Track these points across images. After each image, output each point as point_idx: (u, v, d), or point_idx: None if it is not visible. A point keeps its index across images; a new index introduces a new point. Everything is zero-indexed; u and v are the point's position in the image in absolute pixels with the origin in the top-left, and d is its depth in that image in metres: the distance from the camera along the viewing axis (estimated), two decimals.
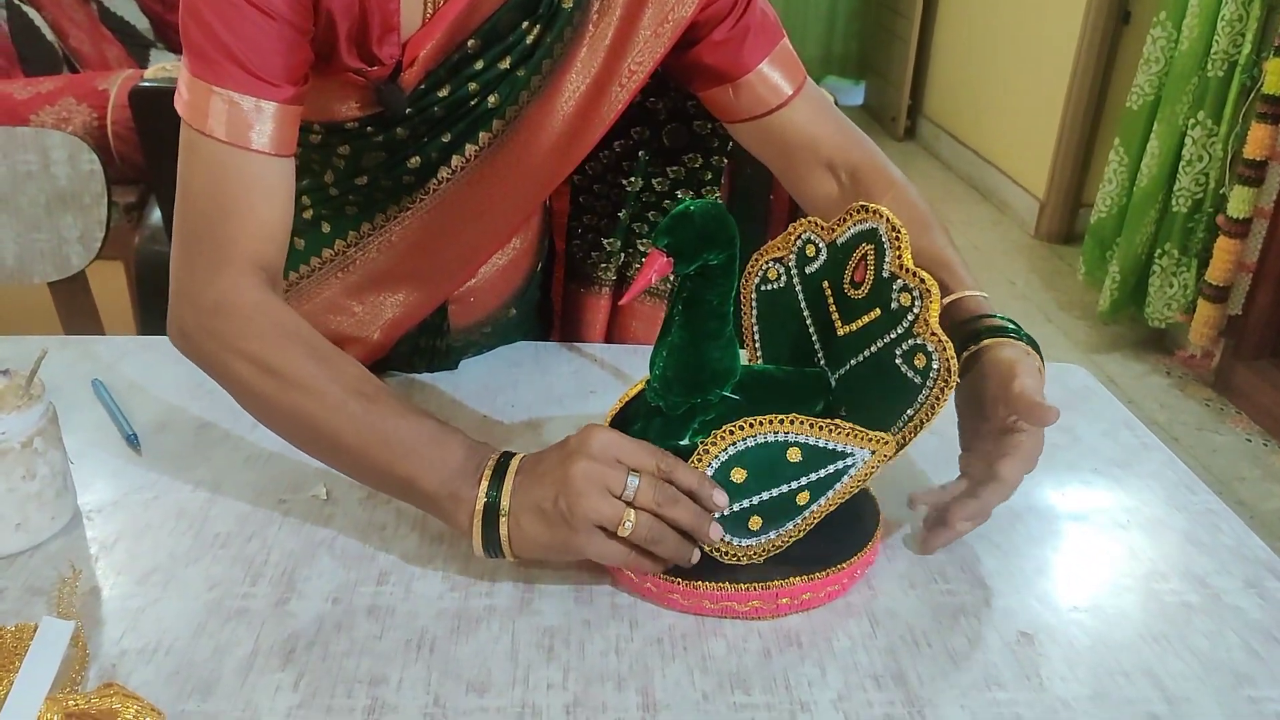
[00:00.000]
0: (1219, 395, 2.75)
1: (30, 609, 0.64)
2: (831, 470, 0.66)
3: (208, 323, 0.71)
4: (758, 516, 0.67)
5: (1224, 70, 2.63)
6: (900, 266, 0.70)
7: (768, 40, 0.88)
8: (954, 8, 4.87)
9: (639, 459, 0.65)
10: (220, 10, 0.69)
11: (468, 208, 0.88)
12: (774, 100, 0.88)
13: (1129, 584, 0.73)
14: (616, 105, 0.86)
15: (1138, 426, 0.94)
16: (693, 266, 0.63)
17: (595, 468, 0.63)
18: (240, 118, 0.70)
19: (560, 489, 0.63)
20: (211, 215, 0.72)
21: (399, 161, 0.85)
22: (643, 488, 0.64)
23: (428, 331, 0.96)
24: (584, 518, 0.63)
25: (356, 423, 0.67)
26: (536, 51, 0.82)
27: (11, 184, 1.32)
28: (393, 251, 0.89)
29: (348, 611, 0.65)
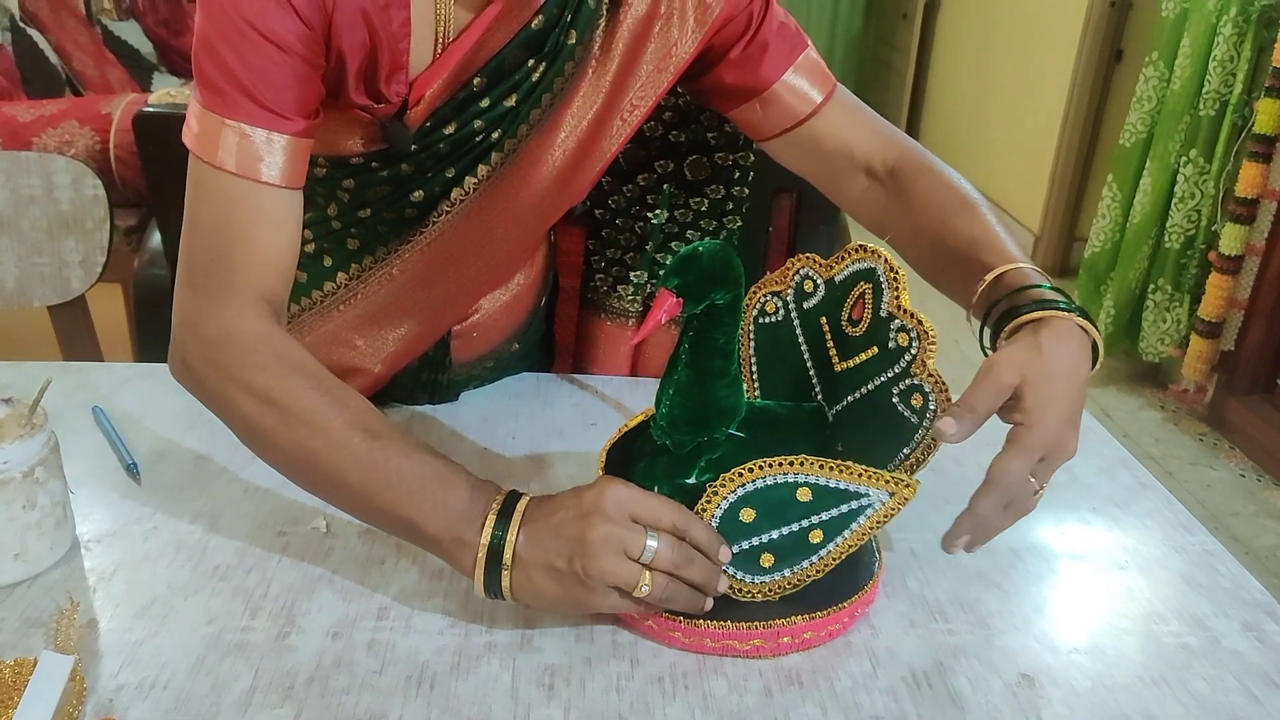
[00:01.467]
0: (1213, 430, 2.76)
1: (28, 641, 0.64)
2: (845, 510, 0.66)
3: (211, 354, 0.70)
4: (769, 554, 0.66)
5: (1215, 109, 2.66)
6: (898, 307, 0.70)
7: (789, 51, 0.86)
8: (949, 43, 4.92)
9: (656, 517, 0.64)
10: (234, 43, 0.69)
11: (468, 240, 0.88)
12: (804, 110, 0.87)
13: (1128, 625, 0.73)
14: (618, 139, 0.87)
15: (1135, 465, 0.94)
16: (700, 306, 0.63)
17: (613, 531, 0.62)
18: (251, 150, 0.70)
19: (576, 550, 0.62)
20: (218, 247, 0.71)
21: (402, 195, 0.85)
22: (660, 550, 0.63)
23: (430, 365, 0.96)
24: (600, 580, 0.62)
25: (359, 460, 0.66)
26: (538, 87, 0.83)
27: (14, 207, 1.32)
28: (394, 285, 0.90)
29: (348, 647, 0.65)
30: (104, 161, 2.10)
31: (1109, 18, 3.53)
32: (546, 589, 0.64)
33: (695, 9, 0.83)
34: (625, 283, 1.04)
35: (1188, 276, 2.81)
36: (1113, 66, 3.62)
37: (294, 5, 0.69)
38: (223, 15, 0.68)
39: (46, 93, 2.87)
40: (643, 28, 0.83)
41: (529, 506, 0.65)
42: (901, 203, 0.86)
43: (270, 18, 0.69)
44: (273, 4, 0.69)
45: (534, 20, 0.79)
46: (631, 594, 0.63)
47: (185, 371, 0.73)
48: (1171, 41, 2.79)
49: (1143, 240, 2.91)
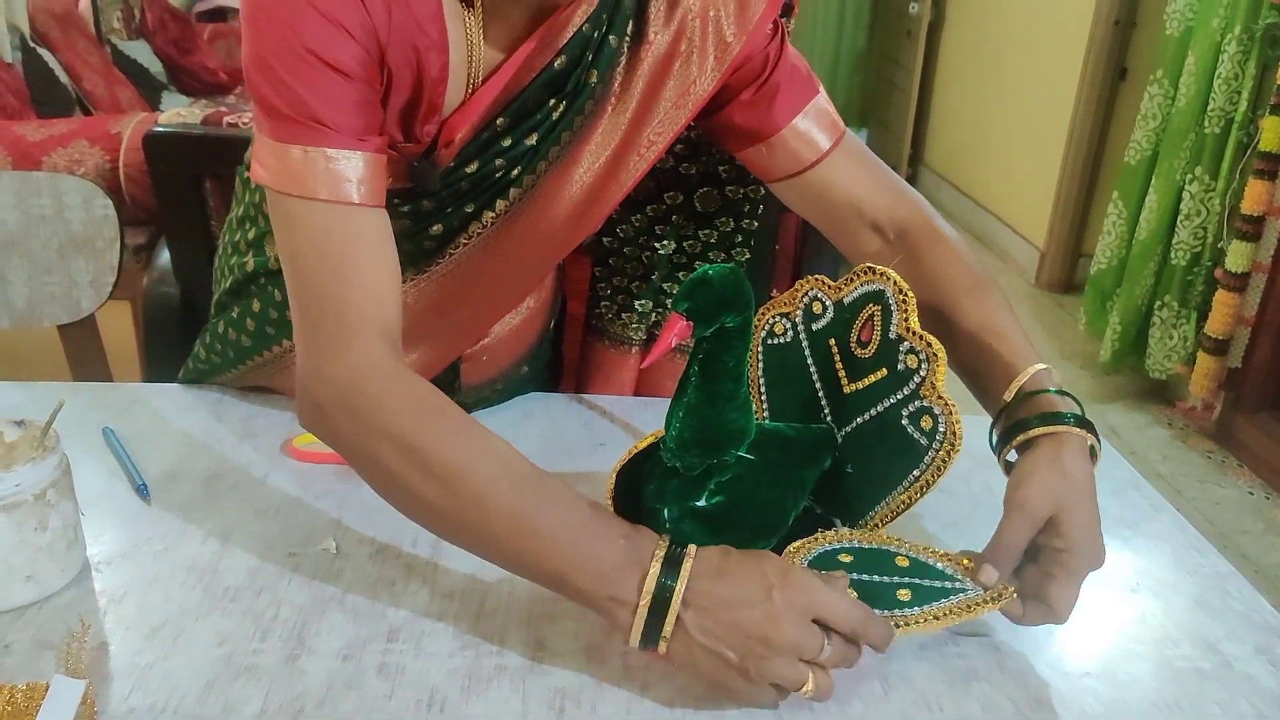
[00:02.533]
0: (1220, 447, 2.75)
1: (39, 664, 0.64)
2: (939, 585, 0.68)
3: (343, 399, 0.67)
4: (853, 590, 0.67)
5: (1221, 127, 2.67)
6: (907, 329, 0.71)
7: (800, 96, 0.86)
8: (953, 61, 4.94)
9: (839, 624, 0.62)
10: (300, 72, 0.67)
11: (483, 272, 0.88)
12: (810, 156, 0.86)
13: (1140, 650, 0.72)
14: (635, 174, 0.86)
15: (1145, 487, 0.94)
16: (711, 329, 0.63)
17: (796, 639, 0.60)
18: (337, 174, 0.69)
19: (755, 649, 0.60)
20: (327, 283, 0.69)
21: (421, 230, 0.86)
22: (834, 655, 0.62)
23: (440, 388, 0.96)
24: (766, 678, 0.61)
25: (505, 510, 0.64)
26: (558, 125, 0.83)
27: (25, 227, 1.33)
28: (408, 313, 0.89)
29: (358, 669, 0.65)
30: (114, 180, 2.12)
31: (1113, 36, 3.54)
32: (706, 667, 0.62)
33: (715, 47, 0.84)
34: (630, 311, 1.04)
35: (1194, 293, 2.81)
36: (1117, 84, 3.63)
37: (351, 32, 0.69)
38: (285, 45, 0.67)
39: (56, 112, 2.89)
40: (663, 65, 0.84)
41: (699, 569, 0.62)
42: (911, 272, 0.82)
43: (334, 45, 0.68)
44: (334, 30, 0.68)
45: (556, 60, 0.79)
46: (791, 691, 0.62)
47: (320, 417, 0.69)
48: (1176, 59, 2.80)
49: (1149, 257, 2.91)
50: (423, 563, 0.76)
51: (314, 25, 0.67)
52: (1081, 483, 0.68)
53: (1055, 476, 0.68)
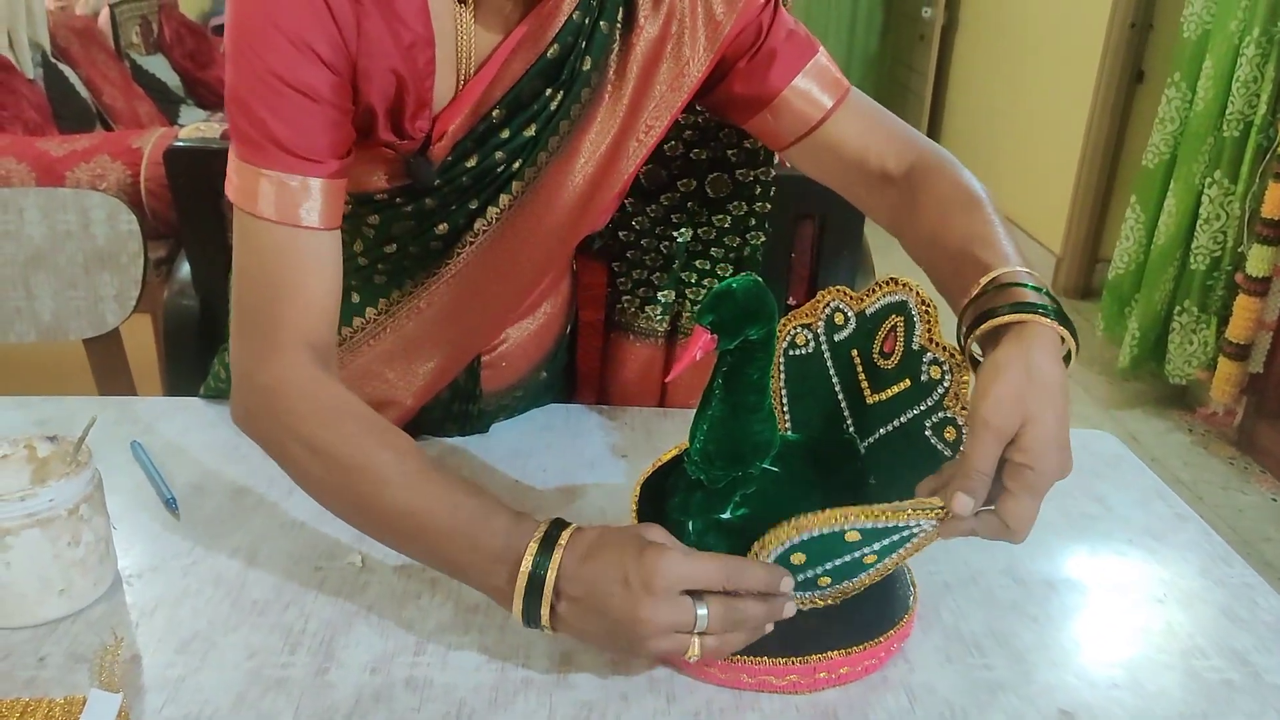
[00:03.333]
0: (1242, 454, 2.73)
1: (73, 677, 0.64)
2: (895, 538, 0.66)
3: (264, 402, 0.72)
4: (825, 578, 0.67)
5: (1239, 130, 2.65)
6: (930, 340, 0.71)
7: (798, 57, 0.86)
8: (967, 65, 4.93)
9: (707, 583, 0.63)
10: (264, 97, 0.70)
11: (493, 270, 0.89)
12: (815, 115, 0.86)
13: (1168, 660, 0.72)
14: (634, 160, 0.87)
15: (1170, 496, 0.93)
16: (735, 342, 0.64)
17: (663, 610, 0.62)
18: (288, 196, 0.72)
19: (626, 630, 0.62)
20: (263, 297, 0.73)
21: (427, 229, 0.86)
22: (712, 619, 0.63)
23: (460, 396, 0.97)
24: (649, 654, 0.64)
25: (401, 503, 0.67)
26: (556, 115, 0.83)
27: (51, 243, 1.34)
28: (422, 318, 0.90)
29: (386, 683, 0.65)
30: (135, 194, 2.14)
31: (1129, 39, 3.53)
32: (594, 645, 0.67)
33: (706, 28, 0.84)
34: (653, 303, 1.05)
35: (1214, 298, 2.79)
36: (1134, 87, 3.62)
37: (320, 55, 0.71)
38: (251, 70, 0.70)
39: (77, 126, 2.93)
40: (655, 50, 0.85)
41: (571, 550, 0.64)
42: (911, 203, 0.84)
43: (298, 69, 0.70)
44: (299, 56, 0.70)
45: (549, 50, 0.80)
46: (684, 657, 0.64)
47: (246, 420, 0.74)
48: (1194, 62, 2.79)
49: (1168, 262, 2.90)
50: (447, 576, 0.76)
51: (279, 49, 0.69)
52: (1049, 386, 0.62)
53: (1021, 381, 0.62)
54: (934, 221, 0.81)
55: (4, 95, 2.73)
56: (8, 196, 1.33)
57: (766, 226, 1.04)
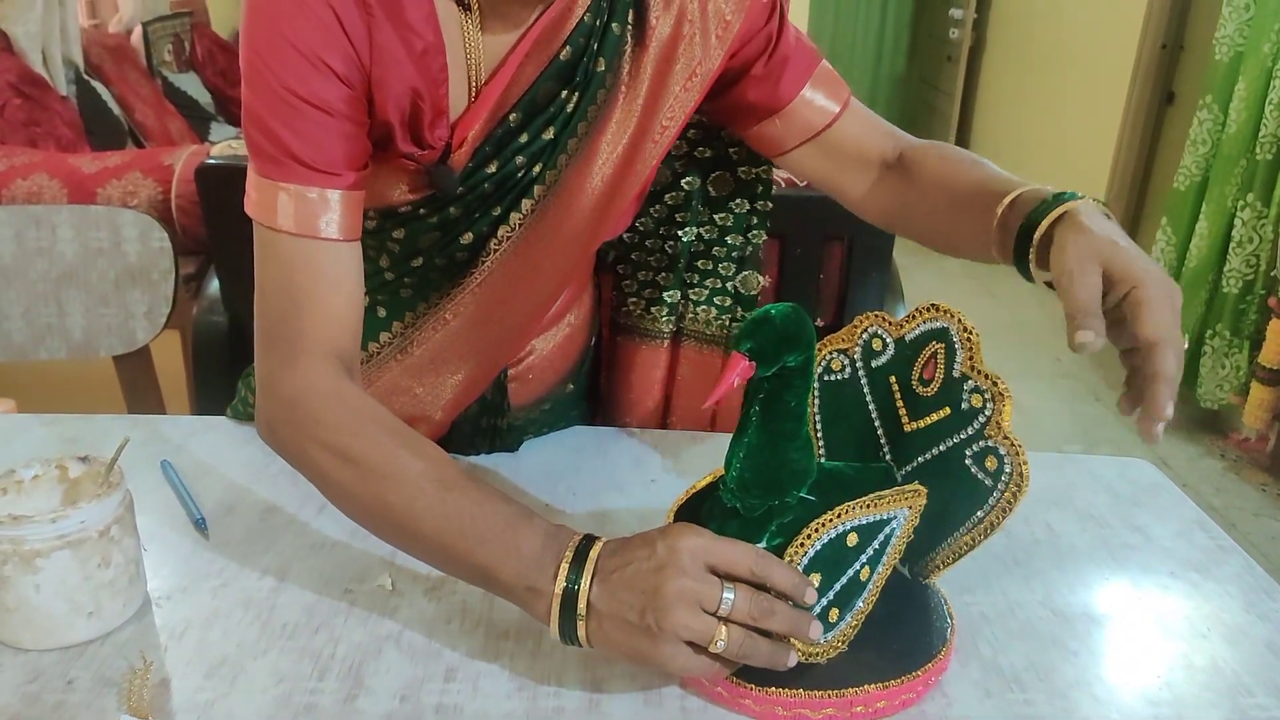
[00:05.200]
0: (1275, 480, 2.68)
1: (101, 700, 0.64)
2: (881, 539, 0.67)
3: (287, 414, 0.72)
4: (834, 608, 0.66)
5: (1273, 153, 2.63)
6: (972, 368, 0.69)
7: (807, 65, 0.90)
8: (994, 86, 4.92)
9: (733, 565, 0.62)
10: (281, 114, 0.71)
11: (517, 277, 0.89)
12: (821, 121, 0.91)
13: (1213, 698, 0.70)
14: (651, 161, 0.88)
15: (1212, 527, 0.91)
16: (772, 369, 0.63)
17: (688, 584, 0.61)
18: (308, 209, 0.73)
19: (650, 603, 0.61)
20: (285, 309, 0.74)
21: (452, 239, 0.86)
22: (738, 603, 0.61)
23: (489, 411, 0.97)
24: (673, 633, 0.61)
25: (433, 511, 0.67)
26: (573, 117, 0.84)
27: (83, 260, 1.36)
28: (448, 330, 0.90)
29: (416, 710, 0.65)
30: (165, 211, 2.16)
31: (1160, 60, 3.51)
32: (617, 639, 0.62)
33: (716, 26, 0.85)
34: (659, 304, 1.04)
35: (1247, 322, 2.76)
36: (1164, 109, 3.59)
37: (333, 69, 0.71)
38: (266, 86, 0.71)
39: (109, 143, 2.96)
40: (668, 49, 0.85)
41: (603, 552, 0.64)
42: (912, 178, 0.90)
43: (312, 84, 0.71)
44: (314, 71, 0.71)
45: (562, 52, 0.81)
46: (707, 649, 0.61)
47: (270, 433, 0.74)
48: (1226, 85, 2.77)
49: (1200, 285, 2.86)
50: (478, 600, 0.75)
51: (293, 64, 0.70)
52: (1113, 230, 0.69)
53: (1083, 237, 0.68)
54: (946, 184, 0.86)
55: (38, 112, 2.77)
56: (40, 214, 1.34)
57: (768, 224, 1.04)
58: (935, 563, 0.74)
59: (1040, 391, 3.23)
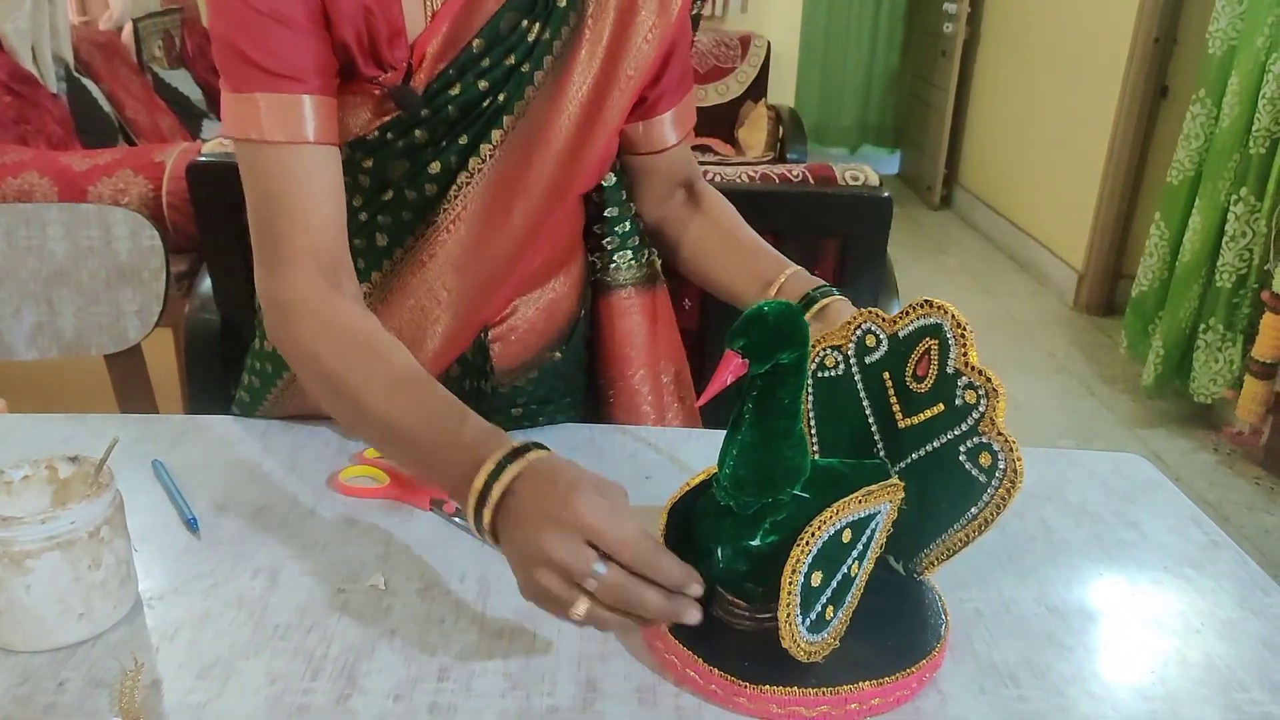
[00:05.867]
0: (1269, 474, 2.69)
1: (93, 702, 0.63)
2: (867, 534, 0.69)
3: (277, 319, 0.79)
4: (829, 606, 0.67)
5: (1266, 147, 2.63)
6: (965, 364, 0.69)
7: (687, 87, 1.02)
8: (989, 81, 4.91)
9: (613, 551, 0.61)
10: (245, 30, 0.77)
11: (489, 218, 0.91)
12: (666, 143, 1.02)
13: (1208, 694, 0.70)
14: (618, 109, 0.92)
15: (1205, 522, 0.91)
16: (766, 366, 0.62)
17: (561, 548, 0.60)
18: (279, 115, 0.78)
19: (527, 550, 0.62)
20: (266, 218, 0.79)
21: (420, 169, 0.89)
22: (608, 583, 0.60)
23: (472, 372, 0.99)
24: (536, 588, 0.62)
25: (378, 413, 0.72)
26: (537, 49, 0.88)
27: (73, 259, 1.35)
28: (425, 274, 0.92)
29: (409, 710, 0.64)
30: (157, 208, 2.15)
31: (1153, 54, 3.51)
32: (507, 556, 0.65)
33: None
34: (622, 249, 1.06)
35: (1240, 316, 2.76)
36: (1158, 103, 3.59)
37: None
38: (229, 8, 0.77)
39: (100, 140, 2.94)
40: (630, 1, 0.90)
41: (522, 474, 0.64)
42: (700, 211, 1.06)
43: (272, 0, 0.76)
44: None
45: None
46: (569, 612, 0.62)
47: (271, 336, 0.81)
48: (1219, 79, 2.77)
49: (1193, 279, 2.87)
50: (471, 599, 0.75)
51: None
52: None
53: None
54: (724, 230, 1.03)
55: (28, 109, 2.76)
56: (30, 212, 1.34)
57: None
58: (929, 559, 0.74)
59: (1034, 386, 3.23)
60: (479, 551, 0.81)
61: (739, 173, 1.80)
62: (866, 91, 5.72)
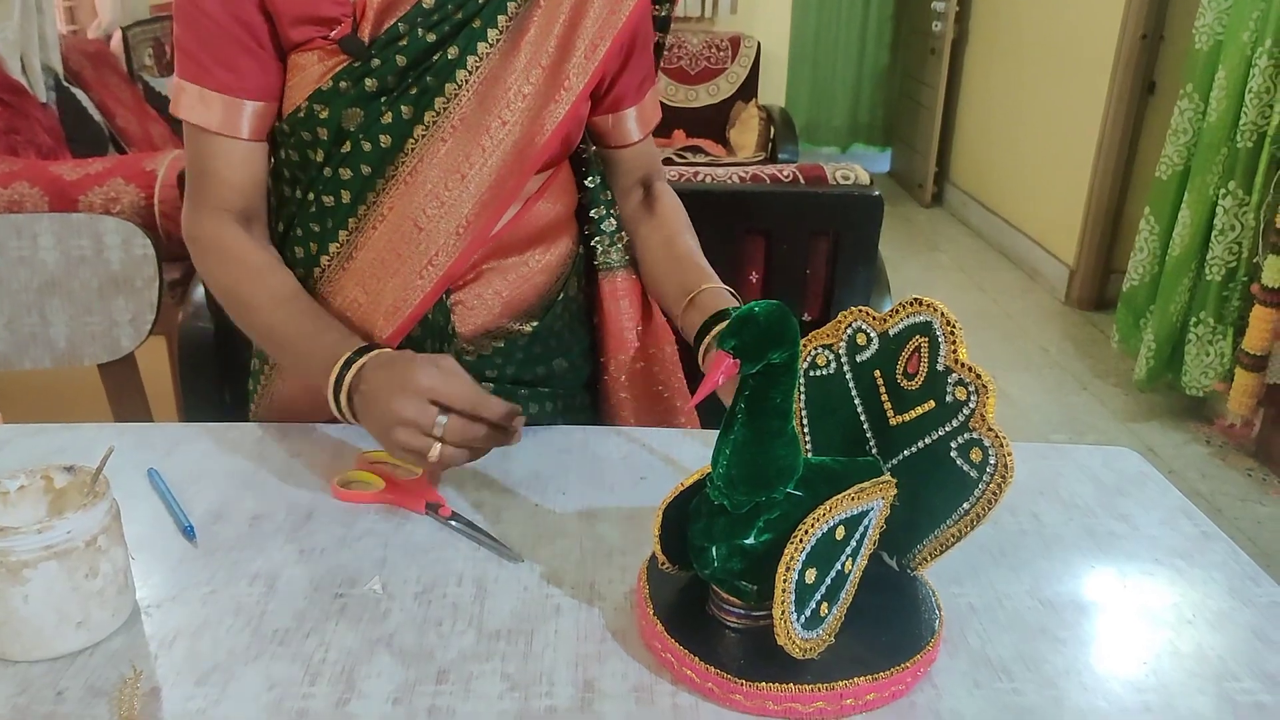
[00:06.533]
0: (1261, 465, 2.70)
1: (92, 710, 0.64)
2: (860, 531, 0.69)
3: (196, 252, 0.98)
4: (824, 603, 0.67)
5: (1253, 141, 2.64)
6: (956, 361, 0.70)
7: (650, 84, 1.09)
8: (978, 77, 4.93)
9: (451, 401, 0.82)
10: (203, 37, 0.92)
11: (449, 173, 0.95)
12: (630, 140, 1.10)
13: (1200, 684, 0.71)
14: (581, 77, 0.97)
15: (1197, 515, 0.92)
16: (757, 366, 0.63)
17: (410, 407, 0.81)
18: (223, 113, 0.93)
19: (383, 416, 0.82)
20: (198, 174, 0.96)
21: (374, 120, 0.94)
22: (449, 428, 0.81)
23: (433, 334, 1.01)
24: (397, 443, 0.82)
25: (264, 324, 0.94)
26: (489, 5, 0.93)
27: (65, 268, 1.35)
28: (386, 226, 0.96)
29: (409, 713, 0.65)
30: (149, 217, 2.14)
31: (1141, 50, 3.53)
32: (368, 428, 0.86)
33: None
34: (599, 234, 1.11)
35: (1230, 309, 2.78)
36: (1145, 99, 3.61)
37: None
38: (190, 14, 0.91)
39: (90, 150, 2.94)
40: None
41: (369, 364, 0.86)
42: (651, 214, 1.12)
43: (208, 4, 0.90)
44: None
45: None
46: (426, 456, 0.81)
47: (188, 248, 0.98)
48: (1206, 74, 2.78)
49: (1183, 273, 2.88)
50: (468, 602, 0.75)
51: None
52: None
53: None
54: (669, 231, 1.10)
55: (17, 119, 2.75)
56: (22, 222, 1.34)
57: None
58: (923, 555, 0.74)
59: (1027, 382, 3.25)
60: (475, 555, 0.81)
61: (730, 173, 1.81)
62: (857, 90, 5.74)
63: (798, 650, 0.66)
